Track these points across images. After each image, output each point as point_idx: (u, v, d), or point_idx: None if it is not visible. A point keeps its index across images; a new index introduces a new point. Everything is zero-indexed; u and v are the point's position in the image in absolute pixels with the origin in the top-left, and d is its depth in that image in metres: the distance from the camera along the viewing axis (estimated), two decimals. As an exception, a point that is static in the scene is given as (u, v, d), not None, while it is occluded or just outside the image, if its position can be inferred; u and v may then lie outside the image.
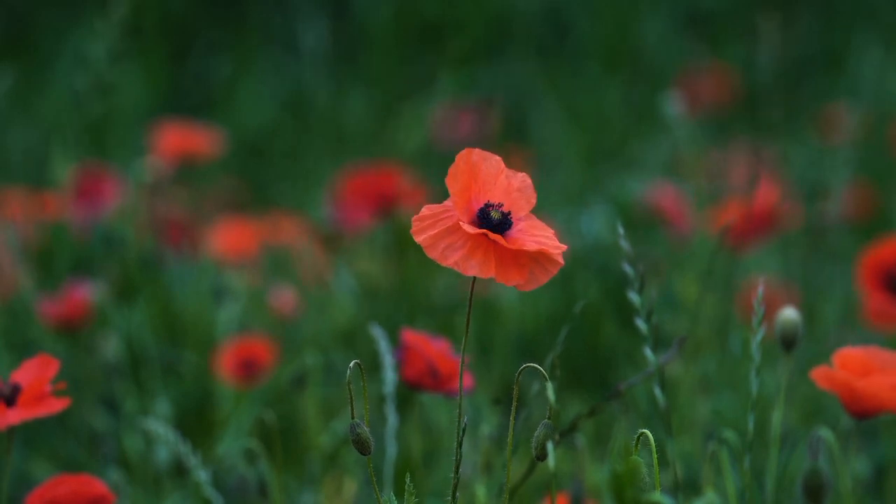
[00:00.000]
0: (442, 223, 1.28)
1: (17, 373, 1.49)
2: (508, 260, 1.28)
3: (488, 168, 1.31)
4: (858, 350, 1.52)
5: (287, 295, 2.81)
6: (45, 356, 1.50)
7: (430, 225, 1.28)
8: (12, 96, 4.73)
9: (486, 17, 5.54)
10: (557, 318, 2.77)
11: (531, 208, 1.32)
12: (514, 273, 1.28)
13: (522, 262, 1.29)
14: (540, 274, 1.29)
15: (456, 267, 1.26)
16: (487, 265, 1.27)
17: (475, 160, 1.31)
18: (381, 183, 3.03)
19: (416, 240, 1.27)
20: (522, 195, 1.32)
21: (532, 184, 1.33)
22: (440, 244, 1.27)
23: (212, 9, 5.75)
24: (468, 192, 1.30)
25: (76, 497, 1.48)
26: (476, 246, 1.27)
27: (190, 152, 3.25)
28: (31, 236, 3.04)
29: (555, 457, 1.34)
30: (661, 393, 1.53)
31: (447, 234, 1.28)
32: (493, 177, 1.31)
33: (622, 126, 4.93)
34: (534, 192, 1.33)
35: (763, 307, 1.53)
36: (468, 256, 1.27)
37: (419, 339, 1.64)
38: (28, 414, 1.45)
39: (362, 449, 1.32)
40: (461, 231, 1.27)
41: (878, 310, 2.21)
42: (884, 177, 3.96)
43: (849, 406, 1.51)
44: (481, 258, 1.27)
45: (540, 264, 1.29)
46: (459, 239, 1.28)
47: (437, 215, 1.28)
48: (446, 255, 1.27)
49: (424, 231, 1.27)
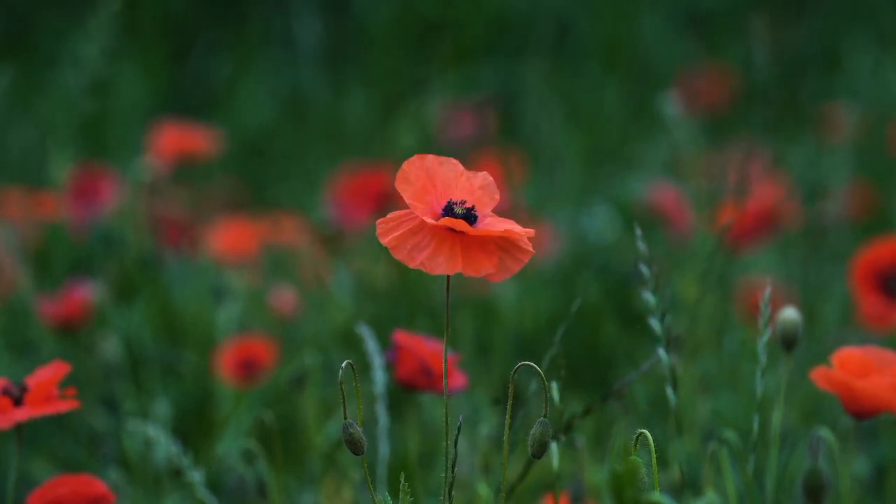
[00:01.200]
0: (406, 224, 1.28)
1: (30, 377, 1.51)
2: (476, 250, 1.28)
3: (446, 171, 1.32)
4: (857, 350, 1.51)
5: (287, 295, 2.81)
6: (59, 362, 1.51)
7: (394, 227, 1.28)
8: (12, 96, 4.72)
9: (485, 16, 5.54)
10: (557, 318, 2.77)
11: (495, 205, 1.32)
12: (483, 262, 1.28)
13: (490, 249, 1.29)
14: (510, 263, 1.29)
15: (422, 267, 1.26)
16: (454, 260, 1.27)
17: (429, 165, 1.31)
18: (379, 182, 3.03)
19: (381, 242, 1.27)
20: (486, 192, 1.32)
21: (494, 181, 1.33)
22: (406, 245, 1.28)
23: (212, 9, 5.75)
24: (427, 195, 1.30)
25: (77, 497, 1.48)
26: (441, 242, 1.27)
27: (189, 152, 3.25)
28: (30, 236, 3.04)
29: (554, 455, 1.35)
30: (674, 393, 1.53)
31: (412, 235, 1.28)
32: (452, 179, 1.32)
33: (622, 126, 4.93)
34: (497, 190, 1.33)
35: (769, 308, 1.54)
36: (434, 255, 1.27)
37: (412, 340, 1.64)
38: (34, 412, 1.46)
39: (355, 449, 1.32)
40: (426, 230, 1.28)
41: (873, 313, 2.20)
42: (883, 177, 3.96)
43: (848, 406, 1.51)
44: (447, 254, 1.27)
45: (509, 253, 1.29)
46: (424, 238, 1.28)
47: (400, 217, 1.29)
48: (413, 256, 1.27)
49: (389, 233, 1.28)
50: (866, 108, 4.35)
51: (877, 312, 2.19)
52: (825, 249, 3.28)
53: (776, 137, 4.09)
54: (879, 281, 2.19)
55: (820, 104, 4.55)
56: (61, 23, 5.44)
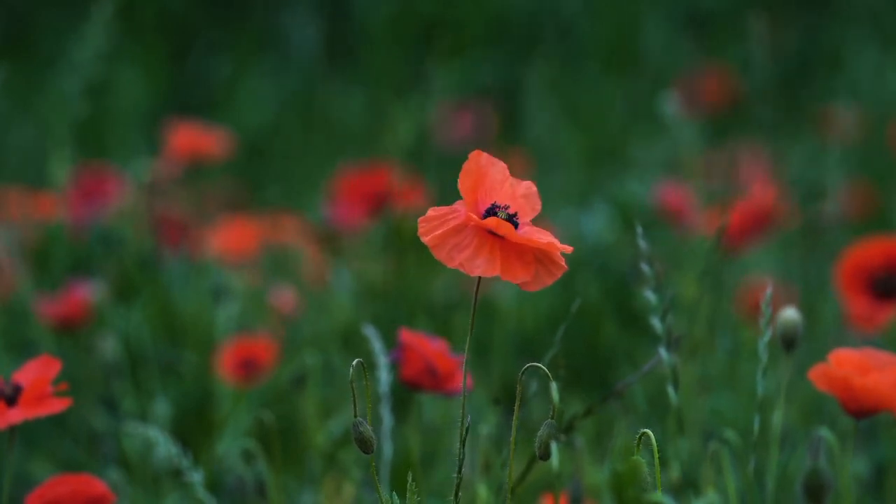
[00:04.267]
0: (448, 223, 1.28)
1: (20, 373, 1.49)
2: (513, 258, 1.28)
3: (495, 173, 1.32)
4: (854, 351, 1.51)
5: (287, 295, 2.81)
6: (47, 357, 1.50)
7: (436, 226, 1.28)
8: (12, 96, 4.72)
9: (485, 16, 5.54)
10: (557, 317, 2.77)
11: (535, 215, 1.32)
12: (519, 270, 1.28)
13: (527, 260, 1.29)
14: (544, 275, 1.30)
15: (461, 268, 1.27)
16: (492, 263, 1.27)
17: (484, 163, 1.31)
18: (377, 182, 3.03)
19: (423, 241, 1.27)
20: (528, 201, 1.33)
21: (537, 191, 1.33)
22: (447, 244, 1.28)
23: (211, 9, 5.75)
24: (475, 193, 1.30)
25: (76, 496, 1.48)
26: (482, 244, 1.28)
27: (200, 152, 3.25)
28: (29, 236, 3.04)
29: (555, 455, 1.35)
30: (675, 392, 1.53)
31: (453, 234, 1.28)
32: (499, 182, 1.32)
33: (622, 126, 4.93)
34: (538, 200, 1.33)
35: (770, 308, 1.54)
36: (474, 256, 1.27)
37: (417, 339, 1.64)
38: (29, 413, 1.45)
39: (364, 448, 1.32)
40: (467, 230, 1.28)
41: (861, 314, 2.19)
42: (883, 177, 3.96)
43: (846, 405, 1.50)
44: (486, 256, 1.27)
45: (544, 266, 1.30)
46: (465, 238, 1.28)
47: (443, 216, 1.29)
48: (452, 256, 1.27)
49: (431, 231, 1.28)
50: (866, 108, 4.35)
51: (864, 314, 2.18)
52: (824, 249, 3.28)
53: (776, 137, 4.09)
54: (866, 282, 2.18)
55: (820, 104, 4.56)
56: (61, 23, 5.44)
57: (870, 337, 2.48)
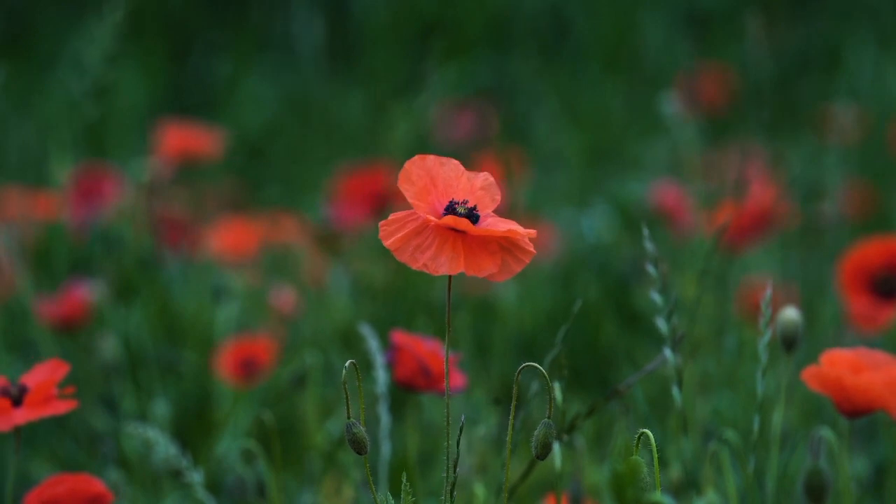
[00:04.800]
0: (408, 226, 1.29)
1: (28, 375, 1.50)
2: (478, 250, 1.29)
3: (447, 172, 1.32)
4: (847, 351, 1.51)
5: (287, 295, 2.81)
6: (56, 360, 1.51)
7: (396, 229, 1.28)
8: (12, 96, 4.72)
9: (485, 16, 5.54)
10: (557, 317, 2.77)
11: (496, 206, 1.32)
12: (485, 262, 1.28)
13: (493, 249, 1.29)
14: (512, 263, 1.30)
15: (425, 269, 1.27)
16: (456, 260, 1.27)
17: (430, 165, 1.31)
18: (376, 182, 3.03)
19: (384, 244, 1.28)
20: (487, 193, 1.33)
21: (496, 182, 1.33)
22: (408, 247, 1.28)
23: (212, 9, 5.75)
24: (428, 195, 1.30)
25: (75, 496, 1.48)
26: (443, 242, 1.28)
27: (193, 152, 3.25)
28: (29, 236, 3.04)
29: (557, 456, 1.34)
30: (679, 392, 1.53)
31: (414, 236, 1.28)
32: (454, 180, 1.32)
33: (621, 126, 4.93)
34: (498, 190, 1.33)
35: (770, 309, 1.53)
36: (437, 255, 1.27)
37: (410, 340, 1.64)
38: (33, 415, 1.46)
39: (358, 448, 1.32)
40: (428, 230, 1.28)
41: (863, 314, 2.19)
42: (883, 177, 3.96)
43: (840, 405, 1.50)
44: (450, 254, 1.27)
45: (511, 254, 1.30)
46: (427, 239, 1.28)
47: (402, 218, 1.29)
48: (416, 258, 1.28)
49: (392, 235, 1.28)
50: (865, 107, 4.35)
51: (865, 313, 2.18)
52: (824, 249, 3.28)
53: (775, 137, 4.09)
54: (867, 282, 2.18)
55: (819, 104, 4.55)
56: (61, 23, 5.44)
57: (870, 337, 2.48)
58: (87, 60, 2.69)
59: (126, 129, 4.72)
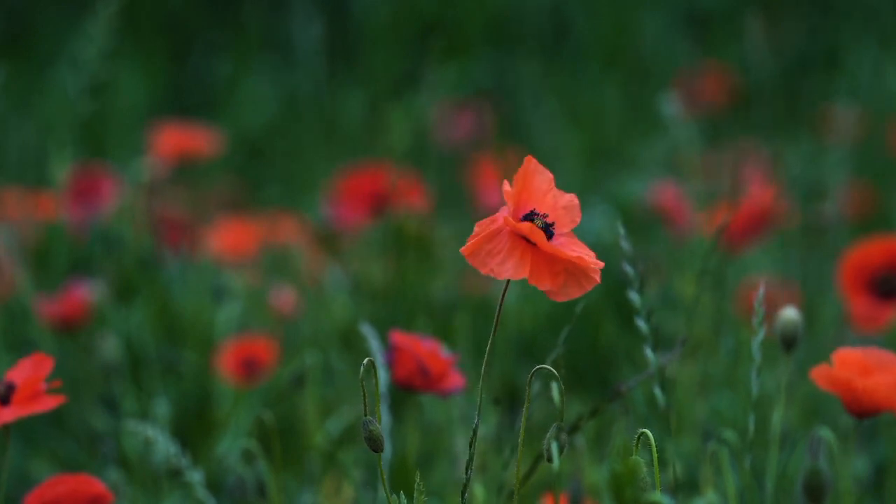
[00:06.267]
0: (484, 231, 1.28)
1: (13, 371, 1.49)
2: (543, 266, 1.28)
3: (540, 182, 1.32)
4: (857, 351, 1.51)
5: (287, 295, 2.81)
6: (39, 355, 1.50)
7: (475, 234, 1.28)
8: (12, 96, 4.72)
9: (485, 16, 5.54)
10: (557, 317, 2.77)
11: (574, 227, 1.32)
12: (546, 279, 1.28)
13: (556, 270, 1.29)
14: (573, 287, 1.29)
15: (492, 273, 1.27)
16: (522, 267, 1.27)
17: (531, 170, 1.31)
18: (377, 182, 3.03)
19: (462, 253, 1.27)
20: (567, 213, 1.33)
21: (579, 204, 1.33)
22: (481, 251, 1.28)
23: (211, 9, 5.75)
24: (518, 197, 1.30)
25: (75, 496, 1.48)
26: (513, 249, 1.28)
27: (189, 152, 3.24)
28: (29, 236, 3.04)
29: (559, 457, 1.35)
30: (662, 393, 1.53)
31: (487, 241, 1.28)
32: (542, 192, 1.32)
33: (621, 126, 4.93)
34: (579, 212, 1.33)
35: (764, 308, 1.54)
36: (505, 259, 1.27)
37: (409, 340, 1.64)
38: (22, 412, 1.45)
39: (374, 446, 1.32)
40: (501, 235, 1.28)
41: (863, 314, 2.19)
42: (883, 177, 3.96)
43: (849, 406, 1.50)
44: (517, 261, 1.27)
45: (574, 278, 1.29)
46: (499, 244, 1.28)
47: (484, 226, 1.29)
48: (485, 262, 1.27)
49: (469, 240, 1.28)
50: (866, 107, 4.35)
51: (866, 313, 2.18)
52: (824, 249, 3.28)
53: (775, 137, 4.09)
54: (868, 281, 2.18)
55: (819, 104, 4.55)
56: (61, 23, 5.44)
57: (870, 337, 2.48)
58: (81, 57, 2.68)
59: (126, 129, 4.72)
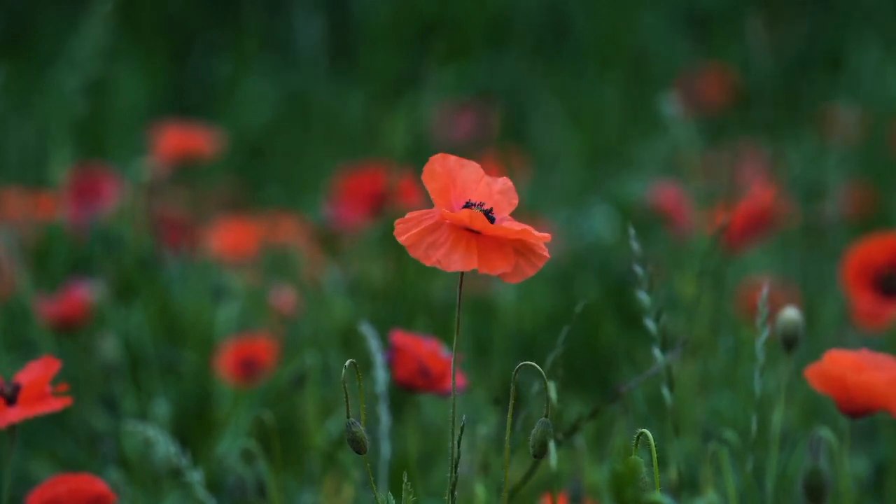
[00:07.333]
0: (424, 223, 1.29)
1: (21, 373, 1.50)
2: (491, 250, 1.29)
3: (467, 174, 1.32)
4: (849, 353, 1.51)
5: (287, 295, 2.81)
6: (48, 357, 1.51)
7: (412, 226, 1.29)
8: (12, 96, 4.72)
9: (485, 16, 5.54)
10: (556, 317, 2.77)
11: (512, 210, 1.33)
12: (498, 262, 1.28)
13: (506, 251, 1.29)
14: (525, 266, 1.30)
15: (438, 265, 1.27)
16: (470, 257, 1.27)
17: (452, 165, 1.32)
18: (377, 182, 3.02)
19: (399, 240, 1.28)
20: (504, 197, 1.33)
21: (514, 186, 1.34)
22: (422, 243, 1.28)
23: (211, 9, 5.75)
24: (447, 193, 1.30)
25: (76, 496, 1.48)
26: (457, 240, 1.28)
27: (189, 152, 3.24)
28: (29, 236, 3.04)
29: (556, 456, 1.35)
30: (669, 393, 1.53)
31: (429, 233, 1.29)
32: (473, 182, 1.32)
33: (621, 126, 4.93)
34: (516, 195, 1.33)
35: (767, 308, 1.54)
36: (450, 252, 1.28)
37: (410, 340, 1.64)
38: (28, 412, 1.45)
39: (357, 448, 1.32)
40: (443, 228, 1.28)
41: (867, 311, 2.19)
42: (883, 177, 3.96)
43: (842, 404, 1.50)
44: (463, 251, 1.28)
45: (525, 257, 1.30)
46: (441, 236, 1.28)
47: (418, 217, 1.30)
48: (429, 254, 1.28)
49: (406, 231, 1.29)
50: (867, 108, 4.35)
51: (870, 310, 2.18)
52: (824, 249, 3.28)
53: (776, 137, 4.09)
54: (871, 279, 2.18)
55: (820, 104, 4.55)
56: (61, 23, 5.44)
57: (872, 335, 2.48)
58: (77, 56, 2.68)
59: (126, 129, 4.72)
